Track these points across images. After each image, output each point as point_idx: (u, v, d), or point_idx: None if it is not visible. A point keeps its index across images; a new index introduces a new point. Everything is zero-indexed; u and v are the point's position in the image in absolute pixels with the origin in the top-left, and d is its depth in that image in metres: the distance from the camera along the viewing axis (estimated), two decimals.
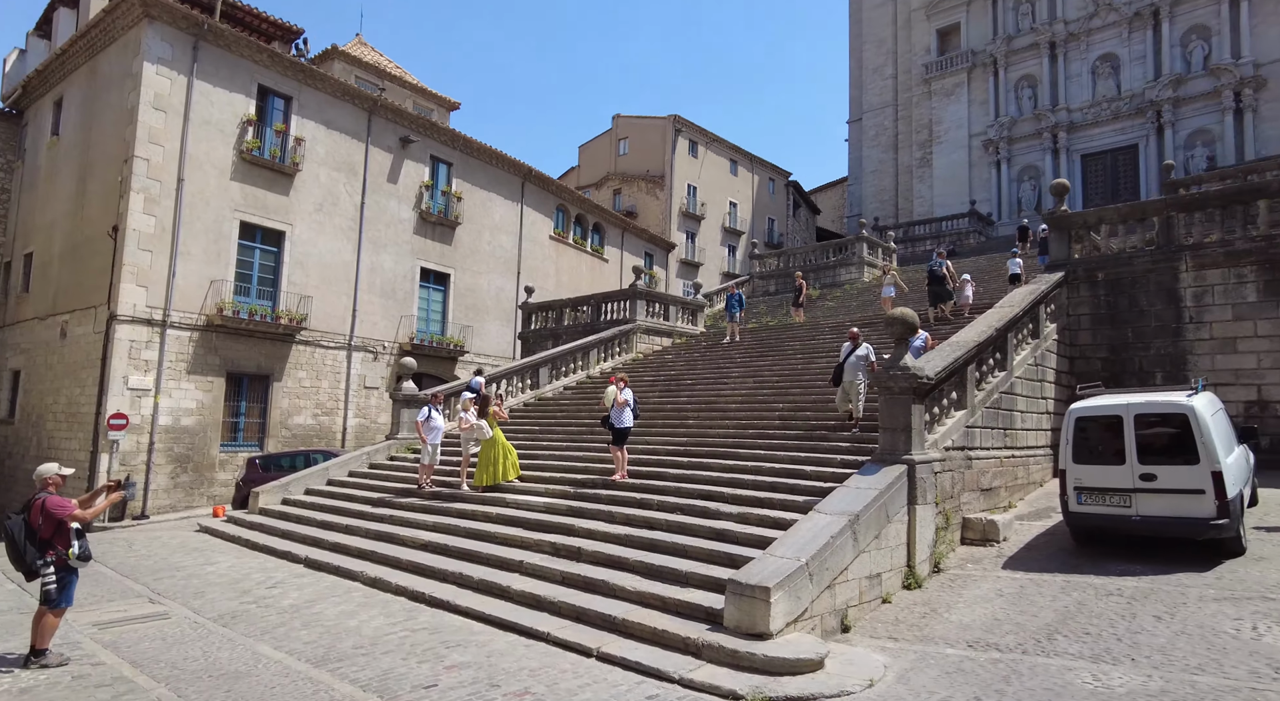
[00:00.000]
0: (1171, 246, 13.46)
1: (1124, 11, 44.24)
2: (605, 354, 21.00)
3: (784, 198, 51.03)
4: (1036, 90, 47.14)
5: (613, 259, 36.43)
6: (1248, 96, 40.38)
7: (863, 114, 55.93)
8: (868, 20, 56.51)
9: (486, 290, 28.93)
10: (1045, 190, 45.86)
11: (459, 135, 27.86)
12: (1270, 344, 12.46)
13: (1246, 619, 6.46)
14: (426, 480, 13.21)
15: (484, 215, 29.07)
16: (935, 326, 16.11)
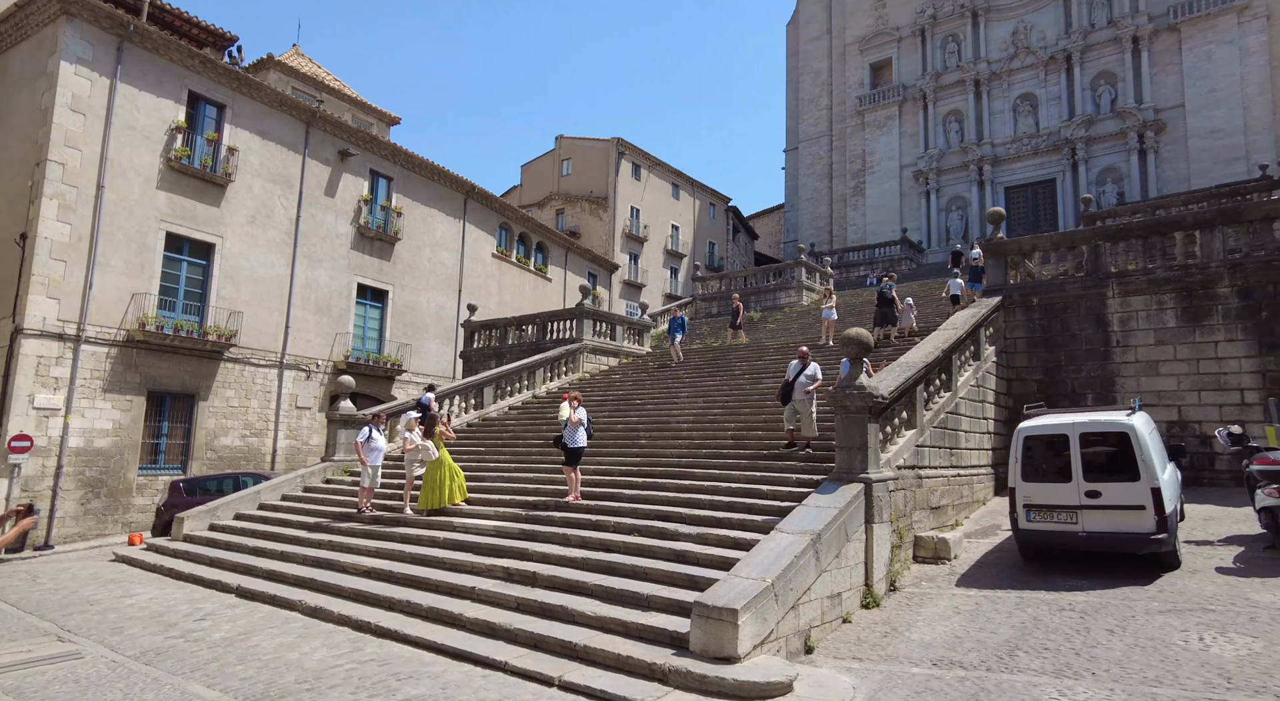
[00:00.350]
0: (1099, 274, 14.14)
1: (1040, 55, 46.95)
2: (552, 373, 20.71)
3: (724, 222, 51.86)
4: (963, 125, 49.43)
5: (556, 278, 36.18)
6: (1150, 138, 43.27)
7: (799, 143, 57.55)
8: (804, 53, 58.38)
9: (426, 308, 28.26)
10: (972, 219, 47.98)
11: (400, 150, 27.31)
12: (1188, 367, 13.17)
13: (1192, 630, 6.68)
14: (367, 504, 12.64)
15: (425, 231, 28.49)
16: (878, 348, 16.47)
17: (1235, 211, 13.33)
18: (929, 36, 51.11)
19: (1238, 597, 7.45)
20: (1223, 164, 40.95)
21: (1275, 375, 12.43)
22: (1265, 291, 12.61)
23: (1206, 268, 13.07)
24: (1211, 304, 13.02)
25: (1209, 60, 42.28)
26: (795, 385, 11.12)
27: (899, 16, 52.91)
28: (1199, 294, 13.13)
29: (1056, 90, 46.38)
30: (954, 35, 50.40)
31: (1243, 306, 12.77)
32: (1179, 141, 42.59)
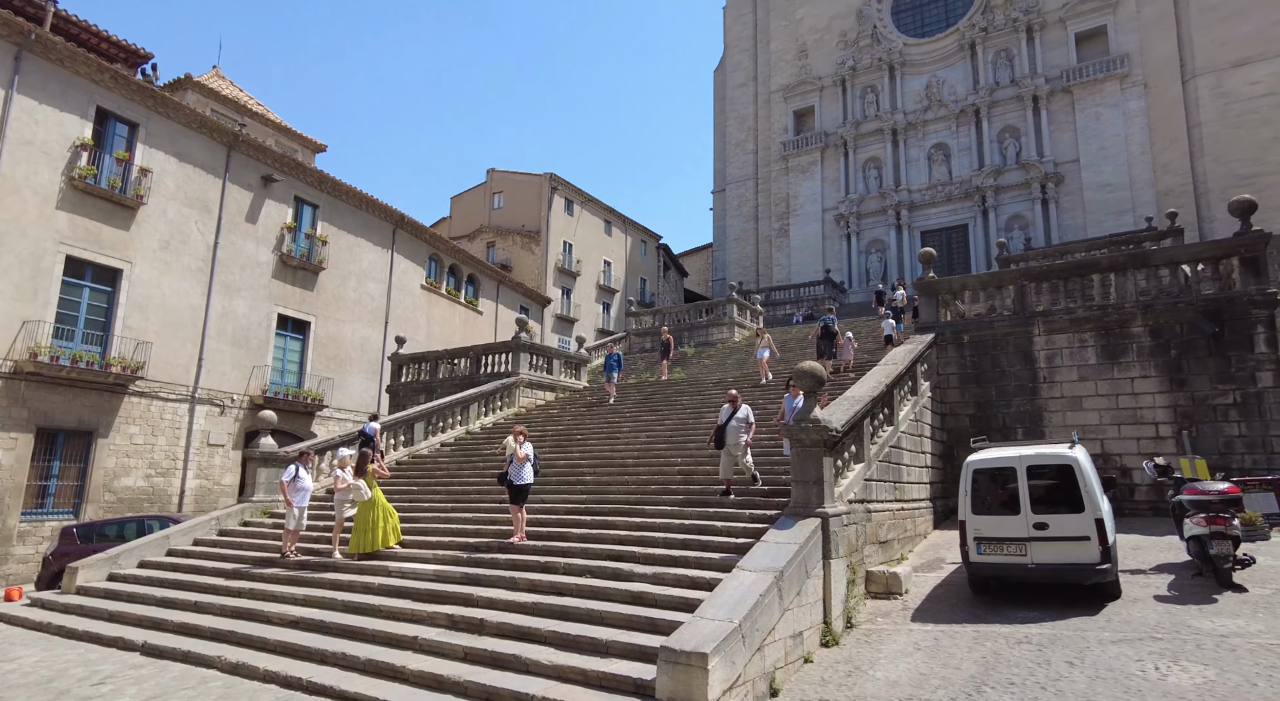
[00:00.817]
0: (1026, 312, 14.79)
1: (952, 108, 49.88)
2: (486, 408, 20.10)
3: (655, 259, 52.38)
4: (882, 171, 51.78)
5: (487, 312, 35.53)
6: (1051, 189, 46.34)
7: (726, 185, 59.02)
8: (731, 98, 60.27)
9: (351, 340, 27.17)
10: (890, 261, 50.03)
11: (327, 177, 26.45)
12: (1108, 402, 13.84)
13: (1147, 660, 6.80)
14: (292, 547, 11.78)
15: (351, 261, 27.53)
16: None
17: (1144, 257, 14.25)
18: (849, 87, 53.61)
19: (1180, 625, 7.66)
20: (1114, 215, 44.19)
21: (1185, 409, 13.18)
22: (1173, 331, 13.43)
23: (1121, 308, 13.86)
24: (1127, 342, 13.78)
25: (1098, 121, 45.83)
26: (728, 429, 10.88)
27: (821, 67, 55.40)
28: (1116, 333, 13.89)
29: (967, 141, 49.23)
30: (872, 86, 53.02)
31: (1154, 345, 13.56)
32: (1076, 193, 45.76)
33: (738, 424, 10.89)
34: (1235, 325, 12.92)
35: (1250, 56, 42.76)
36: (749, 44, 60.23)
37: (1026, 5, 48.16)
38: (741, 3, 61.49)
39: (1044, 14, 47.75)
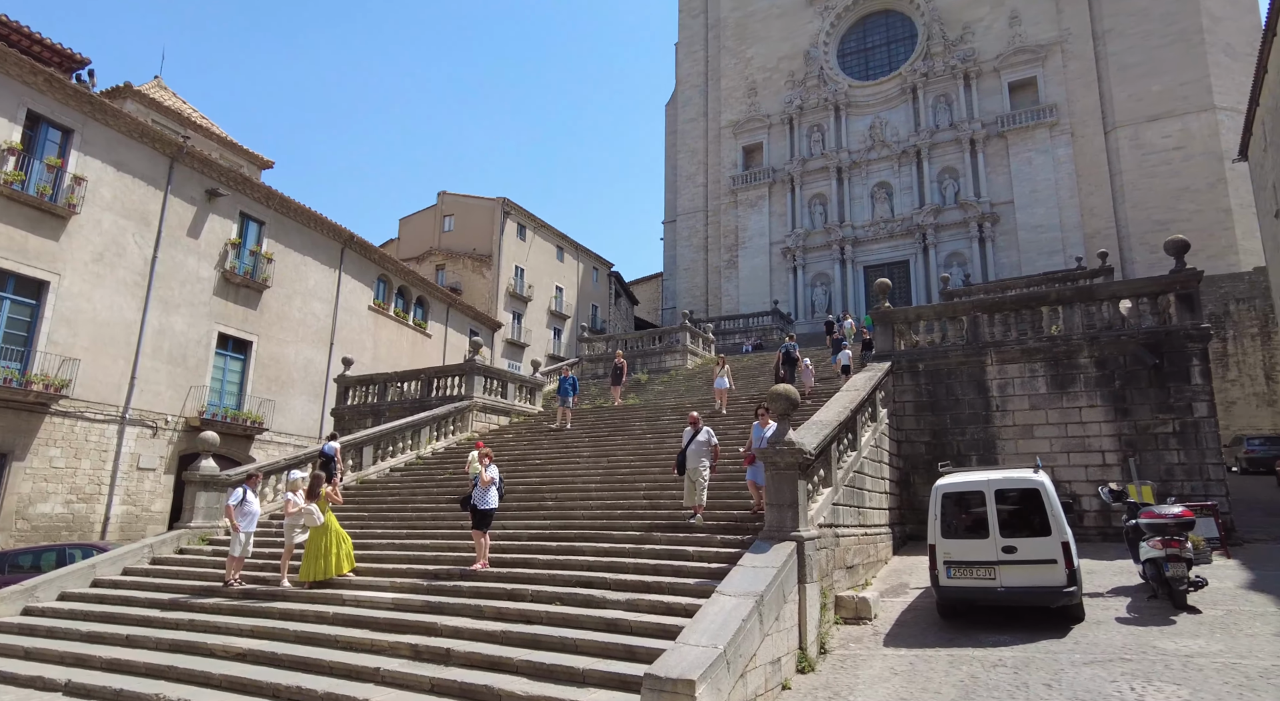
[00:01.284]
0: (979, 342, 15.23)
1: (894, 148, 51.79)
2: (438, 432, 19.55)
3: (607, 286, 52.45)
4: (827, 208, 53.24)
5: (436, 335, 34.84)
6: (987, 228, 48.35)
7: (677, 216, 59.78)
8: (682, 132, 61.34)
9: (294, 361, 26.21)
10: (835, 294, 51.22)
11: (275, 193, 25.68)
12: (1058, 430, 14.29)
13: (1121, 681, 6.89)
14: (236, 575, 11.10)
15: (297, 280, 26.68)
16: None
17: (1089, 291, 14.87)
18: (796, 125, 55.20)
19: (1145, 646, 7.83)
20: (1045, 254, 46.33)
21: (1129, 438, 13.69)
22: (1117, 362, 14.00)
23: (1070, 339, 14.39)
24: (1075, 372, 14.30)
25: (1030, 165, 48.23)
26: (689, 453, 10.73)
27: (769, 105, 56.95)
28: (1064, 363, 14.40)
29: (909, 180, 51.09)
30: (819, 125, 54.71)
31: (1100, 375, 14.10)
32: (1011, 233, 47.85)
33: (698, 447, 10.76)
34: (1173, 357, 13.55)
35: (1162, 113, 45.79)
36: (700, 80, 61.58)
37: (964, 54, 50.63)
38: (693, 40, 62.96)
39: (980, 63, 50.23)
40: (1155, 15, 46.51)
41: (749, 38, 59.46)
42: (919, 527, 14.97)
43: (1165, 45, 46.03)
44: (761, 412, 10.77)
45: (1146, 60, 46.40)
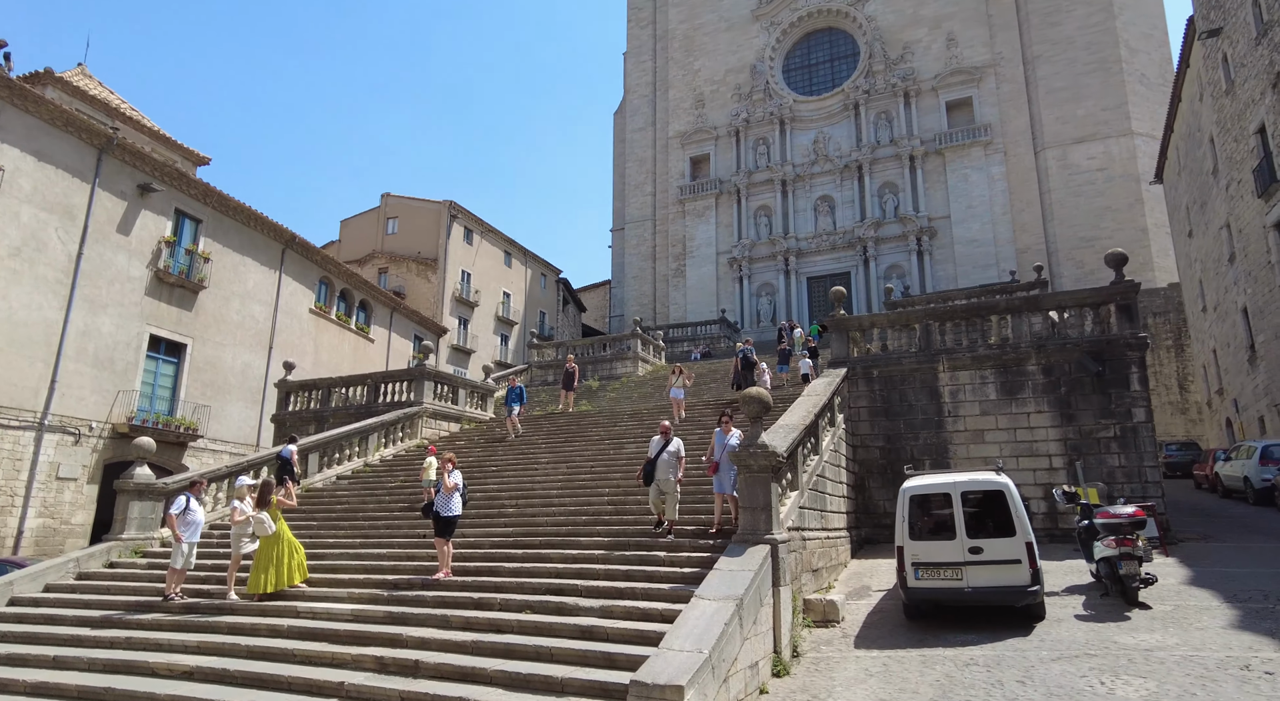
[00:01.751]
0: (931, 350, 15.60)
1: (837, 163, 53.08)
2: (387, 439, 18.95)
3: (555, 293, 52.05)
4: (772, 219, 54.13)
5: (380, 340, 33.89)
6: (925, 242, 49.94)
7: (625, 224, 59.89)
8: (630, 141, 61.57)
9: (231, 365, 25.08)
10: (779, 305, 52.01)
11: (213, 190, 24.58)
12: (1008, 435, 14.73)
13: (1090, 676, 7.07)
14: (176, 589, 10.44)
15: (236, 281, 25.58)
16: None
17: (1036, 301, 15.44)
18: (743, 137, 56.03)
19: (1107, 642, 8.06)
20: (980, 268, 48.08)
21: (1074, 442, 14.22)
22: (1063, 369, 14.54)
23: (1018, 347, 14.88)
24: (1023, 379, 14.78)
25: (966, 182, 50.08)
26: (658, 463, 10.22)
27: (716, 117, 57.68)
28: (1013, 370, 14.87)
29: (851, 194, 52.39)
30: (764, 138, 55.65)
31: (1047, 382, 14.62)
32: (948, 247, 49.52)
33: (669, 458, 10.22)
34: (1114, 365, 14.15)
35: (1086, 135, 48.23)
36: (648, 90, 61.95)
37: (904, 73, 52.32)
38: (641, 51, 63.34)
39: (919, 82, 51.96)
40: (1079, 44, 48.99)
41: (696, 50, 60.18)
42: (875, 531, 15.25)
43: (1088, 73, 48.51)
44: (725, 419, 10.52)
45: (1072, 86, 48.80)
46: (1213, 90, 27.73)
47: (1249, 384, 28.36)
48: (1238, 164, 25.88)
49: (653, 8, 63.46)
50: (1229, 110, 26.27)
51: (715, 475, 10.15)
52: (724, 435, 10.30)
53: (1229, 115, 26.31)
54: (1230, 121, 26.27)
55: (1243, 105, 25.09)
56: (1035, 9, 50.31)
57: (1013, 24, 50.68)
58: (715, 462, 10.14)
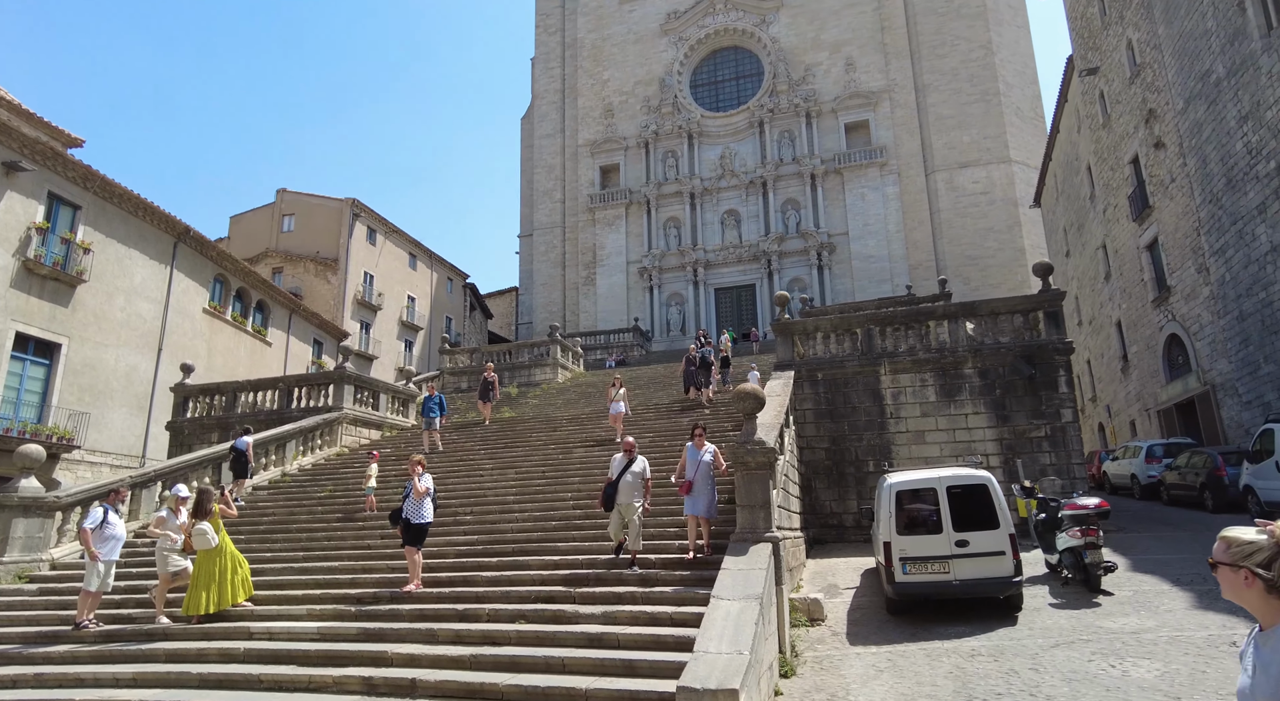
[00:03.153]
0: (873, 353, 16.04)
1: (743, 178, 54.43)
2: (305, 447, 17.54)
3: (461, 298, 50.50)
4: (681, 231, 54.79)
5: (277, 343, 31.58)
6: (825, 257, 51.93)
7: (534, 230, 58.98)
8: (539, 147, 60.81)
9: (114, 368, 22.58)
10: (689, 314, 52.64)
11: (95, 174, 22.13)
12: (947, 436, 15.32)
13: (1097, 660, 7.29)
14: (90, 615, 9.08)
15: (121, 275, 23.10)
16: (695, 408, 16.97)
17: (971, 307, 16.19)
18: (652, 149, 56.53)
19: (1091, 627, 8.38)
20: (876, 282, 50.47)
21: (1009, 442, 14.95)
22: (998, 373, 15.30)
23: (955, 351, 15.54)
24: (961, 382, 15.43)
25: (863, 200, 52.54)
26: (620, 485, 9.22)
27: (626, 128, 57.94)
28: (951, 373, 15.51)
29: (755, 209, 53.83)
30: (673, 151, 56.36)
31: (983, 384, 15.33)
32: (846, 261, 51.70)
33: (634, 480, 9.30)
34: (1044, 369, 15.03)
35: (971, 161, 51.79)
36: (557, 97, 61.47)
37: (806, 93, 54.42)
38: (550, 58, 62.84)
39: (820, 103, 54.17)
40: (964, 76, 52.64)
41: (605, 61, 60.31)
42: (822, 531, 15.45)
43: (972, 102, 52.17)
44: (698, 433, 9.71)
45: (958, 114, 52.31)
46: (1090, 123, 30.36)
47: (1121, 391, 31.09)
48: (1114, 190, 28.41)
49: (561, 15, 63.18)
50: (1105, 142, 28.82)
51: (688, 495, 9.15)
52: (697, 450, 9.45)
53: (1105, 146, 28.86)
54: (1107, 152, 28.81)
55: (1118, 137, 27.59)
56: (925, 41, 53.66)
57: (905, 53, 53.81)
58: (688, 482, 9.18)
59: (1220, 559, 2.26)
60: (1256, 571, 2.16)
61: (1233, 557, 2.22)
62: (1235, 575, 2.22)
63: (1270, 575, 2.16)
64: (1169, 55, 22.88)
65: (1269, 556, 2.18)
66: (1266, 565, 2.17)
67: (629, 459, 9.53)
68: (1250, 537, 2.22)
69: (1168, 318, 24.56)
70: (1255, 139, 18.90)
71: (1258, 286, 19.29)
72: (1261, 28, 18.45)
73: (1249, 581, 2.18)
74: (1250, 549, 2.20)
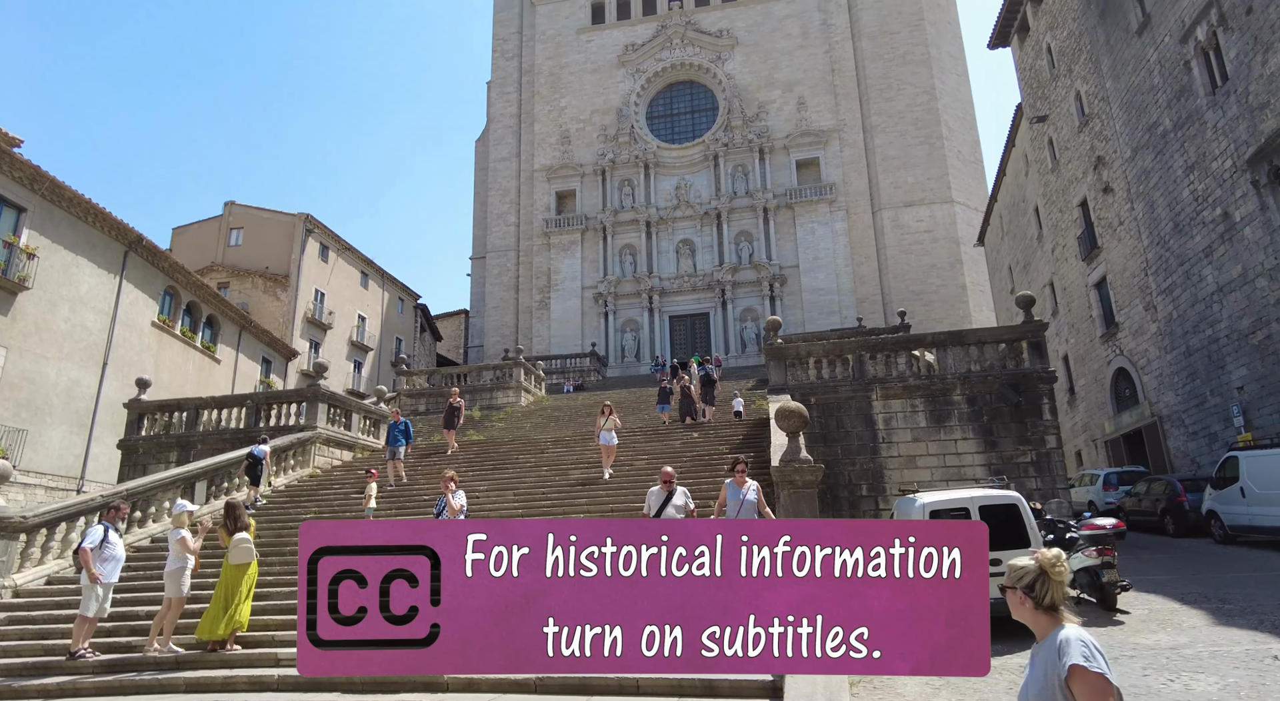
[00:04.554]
0: (865, 379, 16.36)
1: (697, 209, 55.31)
2: (278, 467, 16.65)
3: (412, 319, 49.37)
4: (636, 258, 55.13)
5: (226, 360, 30.13)
6: (777, 288, 53.04)
7: (487, 253, 58.39)
8: (494, 170, 60.50)
9: (55, 382, 21.07)
10: (643, 341, 52.80)
11: (45, 175, 20.82)
12: (938, 461, 15.68)
13: (1152, 674, 7.46)
14: (85, 643, 8.28)
15: (67, 283, 21.68)
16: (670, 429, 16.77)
17: (959, 335, 16.74)
18: (609, 177, 56.94)
19: (1127, 643, 8.61)
20: (825, 314, 51.78)
21: (997, 467, 15.40)
22: (985, 400, 15.81)
23: (944, 378, 15.99)
24: (950, 408, 15.87)
25: (813, 235, 54.04)
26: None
27: (582, 155, 58.27)
28: (940, 399, 15.94)
29: (710, 239, 54.68)
30: (629, 180, 56.91)
31: (971, 410, 15.79)
32: (797, 293, 52.90)
33: (676, 513, 8.56)
34: (1029, 396, 15.61)
35: (915, 200, 54.05)
36: (513, 122, 61.46)
37: (759, 130, 55.94)
38: (506, 82, 62.91)
39: (773, 140, 55.74)
40: (909, 119, 55.12)
41: (562, 88, 60.72)
42: None
43: (916, 145, 54.59)
44: (739, 469, 8.96)
45: (903, 155, 54.63)
46: (1039, 167, 32.12)
47: (1068, 422, 32.53)
48: (1062, 231, 30.03)
49: (519, 41, 63.48)
50: (1054, 185, 30.51)
51: None
52: (738, 488, 8.82)
53: (1054, 189, 30.55)
54: (1055, 195, 30.50)
55: (1066, 182, 29.25)
56: (873, 84, 56.06)
57: (854, 95, 56.05)
58: None
59: (1004, 583, 2.69)
60: (1026, 593, 2.60)
61: (1010, 581, 2.64)
62: (1014, 596, 2.64)
63: (1035, 595, 2.61)
64: (1116, 107, 24.50)
65: (1033, 579, 2.61)
66: (1030, 587, 2.63)
67: (668, 491, 8.84)
68: (1023, 564, 2.64)
69: (1116, 352, 25.94)
70: (1201, 187, 20.31)
71: (1204, 324, 20.58)
72: (1206, 86, 19.94)
73: (1022, 601, 2.59)
74: (1021, 573, 2.63)
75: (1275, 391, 18.16)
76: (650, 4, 61.49)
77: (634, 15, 61.20)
